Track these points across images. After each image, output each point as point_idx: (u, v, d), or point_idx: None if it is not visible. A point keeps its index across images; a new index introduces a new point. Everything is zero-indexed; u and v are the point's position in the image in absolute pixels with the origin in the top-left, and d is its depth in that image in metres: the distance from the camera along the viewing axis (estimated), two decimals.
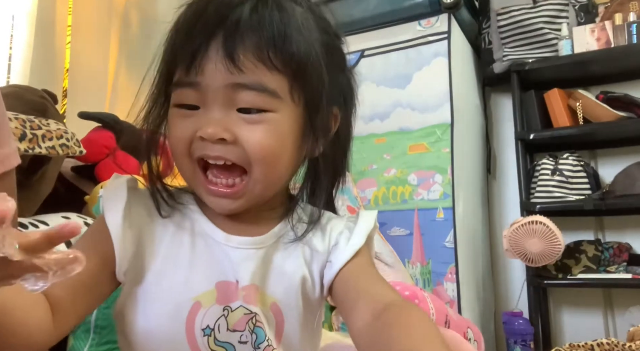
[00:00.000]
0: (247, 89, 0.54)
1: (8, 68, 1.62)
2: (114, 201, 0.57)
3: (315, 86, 0.57)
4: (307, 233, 0.61)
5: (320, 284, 0.61)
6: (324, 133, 0.60)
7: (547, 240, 1.82)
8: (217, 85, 0.54)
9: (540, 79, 2.11)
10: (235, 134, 0.54)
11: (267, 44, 0.53)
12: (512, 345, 1.92)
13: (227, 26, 0.53)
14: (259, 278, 0.58)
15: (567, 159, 2.01)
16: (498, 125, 2.36)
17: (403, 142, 2.03)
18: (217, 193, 0.57)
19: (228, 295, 0.56)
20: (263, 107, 0.55)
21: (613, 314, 2.05)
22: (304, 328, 0.60)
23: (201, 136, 0.54)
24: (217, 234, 0.59)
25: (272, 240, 0.60)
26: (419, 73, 2.05)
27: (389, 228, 1.99)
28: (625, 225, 2.06)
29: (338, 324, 1.52)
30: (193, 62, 0.54)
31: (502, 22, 2.11)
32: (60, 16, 1.76)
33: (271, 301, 0.58)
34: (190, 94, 0.55)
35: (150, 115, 0.60)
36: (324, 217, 0.64)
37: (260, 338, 0.57)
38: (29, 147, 0.92)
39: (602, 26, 2.00)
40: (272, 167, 0.57)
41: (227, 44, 0.53)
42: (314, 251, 0.61)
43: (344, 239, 0.61)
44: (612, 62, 2.01)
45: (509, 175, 2.25)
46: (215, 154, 0.55)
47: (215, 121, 0.54)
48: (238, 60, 0.53)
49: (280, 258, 0.60)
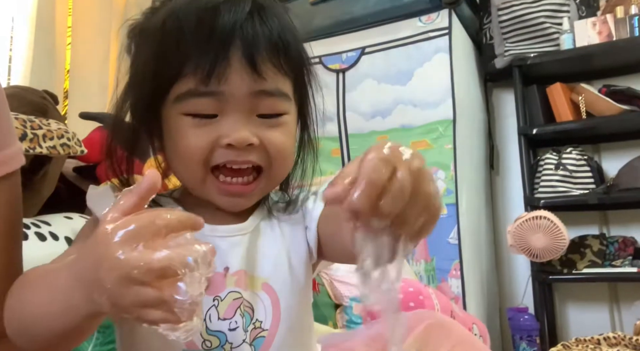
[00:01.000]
0: (268, 95, 0.57)
1: (8, 70, 1.62)
2: (103, 204, 0.57)
3: (306, 84, 0.63)
4: (290, 206, 0.64)
5: (306, 252, 0.63)
6: (310, 123, 0.65)
7: (551, 235, 1.81)
8: (241, 93, 0.55)
9: (542, 73, 2.10)
10: (260, 138, 0.56)
11: (278, 50, 0.56)
12: (517, 340, 1.91)
13: (244, 36, 0.54)
14: (248, 262, 0.60)
15: (570, 153, 2.00)
16: (500, 120, 2.35)
17: (405, 139, 2.02)
18: (234, 192, 0.58)
19: (216, 285, 0.58)
20: (281, 111, 0.58)
21: (619, 308, 2.04)
22: (299, 304, 0.62)
23: (228, 143, 0.55)
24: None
25: (253, 225, 0.63)
26: (421, 69, 2.04)
27: None
28: (629, 219, 2.05)
29: (343, 322, 1.52)
30: (213, 72, 0.54)
31: (503, 17, 2.10)
32: (60, 17, 1.76)
33: (262, 282, 0.60)
34: (208, 103, 0.56)
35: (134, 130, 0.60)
36: (290, 193, 0.67)
37: (247, 321, 0.58)
38: (29, 147, 0.92)
39: (603, 19, 1.99)
40: (287, 164, 0.61)
41: (248, 53, 0.54)
42: (292, 226, 0.64)
43: (311, 204, 0.65)
44: (614, 56, 2.01)
45: (512, 170, 2.24)
46: (242, 159, 0.57)
47: (242, 127, 0.55)
48: (260, 68, 0.55)
49: (263, 240, 0.62)
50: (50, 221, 0.99)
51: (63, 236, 0.97)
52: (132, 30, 0.62)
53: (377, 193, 0.36)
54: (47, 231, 0.94)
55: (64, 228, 0.99)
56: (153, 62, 0.57)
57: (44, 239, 0.92)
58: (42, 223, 0.96)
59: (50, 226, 0.96)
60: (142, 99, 0.59)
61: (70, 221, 1.05)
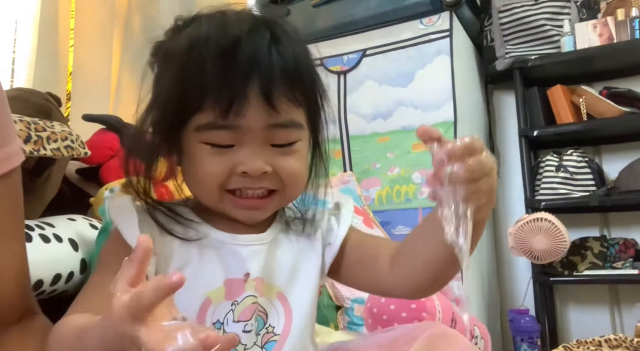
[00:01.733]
0: (283, 127, 0.60)
1: (12, 72, 1.63)
2: (126, 218, 0.61)
3: (319, 110, 0.66)
4: (307, 225, 0.69)
5: (320, 266, 0.68)
6: (321, 143, 0.69)
7: (552, 237, 1.81)
8: (257, 126, 0.59)
9: (543, 75, 2.10)
10: (274, 166, 0.60)
11: (292, 84, 0.60)
12: (518, 342, 1.91)
13: (261, 72, 0.57)
14: (265, 271, 0.64)
15: (571, 155, 2.00)
16: (501, 122, 2.35)
17: (406, 140, 2.03)
18: (249, 206, 0.62)
19: (235, 290, 0.61)
20: (294, 140, 0.62)
21: (620, 310, 2.04)
22: (309, 314, 0.66)
23: (244, 172, 0.59)
24: (223, 236, 0.64)
25: (270, 236, 0.67)
26: (422, 71, 2.04)
27: (393, 227, 1.98)
28: (630, 221, 2.05)
29: (344, 324, 1.52)
30: (231, 108, 0.57)
31: (504, 20, 2.11)
32: (62, 20, 1.76)
33: (277, 291, 0.64)
34: (226, 135, 0.59)
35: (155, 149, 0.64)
36: (310, 211, 0.72)
37: (260, 325, 0.62)
38: (34, 149, 0.92)
39: (604, 22, 1.99)
40: (299, 186, 0.65)
41: (265, 89, 0.57)
42: (310, 240, 0.69)
43: (335, 223, 0.71)
44: (615, 58, 2.01)
45: (513, 172, 2.24)
46: (256, 185, 0.61)
47: (256, 157, 0.59)
48: (275, 103, 0.58)
49: (281, 251, 0.67)
50: (53, 222, 0.99)
51: (67, 238, 0.97)
52: (156, 49, 0.66)
53: (471, 155, 0.48)
54: (50, 232, 0.95)
55: (68, 230, 0.99)
56: (176, 91, 0.60)
57: (47, 241, 0.92)
58: (45, 224, 0.96)
59: (54, 228, 0.97)
60: (164, 121, 0.62)
61: (73, 222, 1.05)
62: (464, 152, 0.47)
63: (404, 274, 0.63)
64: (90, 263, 0.99)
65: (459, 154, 0.47)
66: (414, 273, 0.63)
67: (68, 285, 0.95)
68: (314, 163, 0.69)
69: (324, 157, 0.70)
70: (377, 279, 0.66)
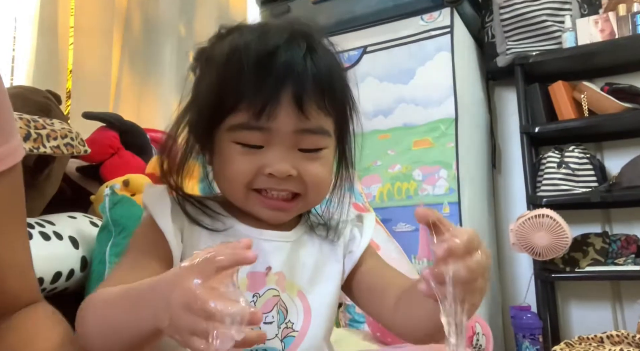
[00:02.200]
0: (311, 133, 0.63)
1: (12, 70, 1.62)
2: (160, 207, 0.65)
3: (348, 121, 0.69)
4: (330, 232, 0.72)
5: (341, 272, 0.71)
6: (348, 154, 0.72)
7: (554, 233, 1.81)
8: (287, 130, 0.62)
9: (544, 71, 2.10)
10: (299, 170, 0.63)
11: (323, 92, 0.63)
12: (520, 339, 1.91)
13: (295, 79, 0.60)
14: (288, 267, 0.67)
15: (572, 151, 2.00)
16: (502, 119, 2.35)
17: (407, 137, 2.03)
18: (275, 207, 0.65)
19: (257, 283, 0.65)
20: (321, 146, 0.65)
21: (622, 306, 2.04)
22: (328, 314, 0.69)
23: (270, 173, 0.62)
24: (249, 230, 0.67)
25: (295, 236, 0.70)
26: (422, 68, 2.04)
27: (394, 224, 1.98)
28: (632, 217, 2.05)
29: (345, 321, 1.52)
30: (264, 110, 0.60)
31: (505, 16, 2.10)
32: (62, 18, 1.76)
33: (298, 290, 0.67)
34: (257, 136, 0.62)
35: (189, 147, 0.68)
36: (333, 219, 0.75)
37: (281, 319, 0.66)
38: (33, 146, 0.92)
39: (605, 17, 1.98)
40: (322, 192, 0.68)
41: (297, 95, 0.60)
42: (332, 246, 0.72)
43: (357, 233, 0.74)
44: (617, 54, 2.00)
45: (515, 169, 2.24)
46: (281, 187, 0.64)
47: (283, 160, 0.62)
48: (306, 109, 0.61)
49: (305, 251, 0.70)
50: (54, 220, 0.99)
51: (67, 236, 0.97)
52: (199, 54, 0.70)
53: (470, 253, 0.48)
54: (51, 230, 0.94)
55: (68, 228, 0.99)
56: (214, 92, 0.63)
57: (48, 239, 0.92)
58: (46, 222, 0.96)
59: (54, 226, 0.97)
60: (200, 121, 0.66)
61: (74, 220, 1.05)
62: (464, 251, 0.48)
63: (405, 319, 0.66)
64: (91, 261, 0.99)
65: (460, 253, 0.48)
66: (413, 323, 0.65)
67: (69, 283, 0.95)
68: (339, 172, 0.72)
69: (350, 167, 0.73)
70: (380, 312, 0.70)
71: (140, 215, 1.01)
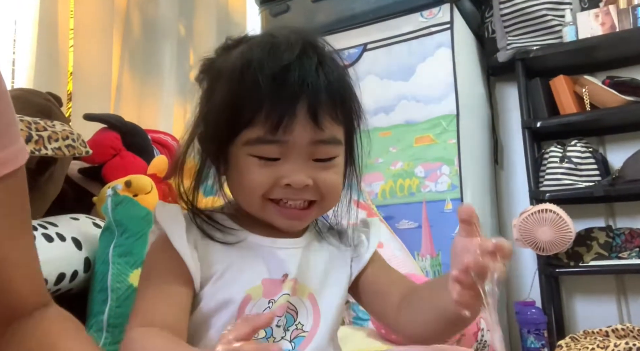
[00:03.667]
0: (325, 143, 0.65)
1: (12, 72, 1.62)
2: (175, 227, 0.67)
3: (355, 127, 0.72)
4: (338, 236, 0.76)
5: (348, 276, 0.74)
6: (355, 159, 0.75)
7: (557, 228, 1.81)
8: (303, 142, 0.64)
9: (545, 66, 2.09)
10: (314, 179, 0.65)
11: (336, 103, 0.65)
12: (525, 334, 1.91)
13: (309, 93, 0.62)
14: (300, 272, 0.69)
15: (575, 146, 1.99)
16: (504, 114, 2.34)
17: (409, 134, 2.02)
18: (292, 216, 0.67)
19: (272, 290, 0.67)
20: (334, 155, 0.67)
21: (627, 300, 2.03)
22: (335, 319, 0.71)
23: (287, 184, 0.64)
24: (262, 240, 0.70)
25: (305, 242, 0.73)
26: (423, 65, 2.04)
27: (397, 221, 1.98)
28: (636, 210, 2.04)
29: (349, 318, 1.52)
30: (280, 124, 0.62)
31: (505, 11, 2.09)
32: (62, 20, 1.76)
33: (308, 292, 0.70)
34: (274, 149, 0.64)
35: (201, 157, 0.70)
36: (340, 224, 0.78)
37: (289, 322, 0.68)
38: (35, 148, 0.92)
39: (606, 11, 1.98)
40: (336, 197, 0.71)
41: (312, 108, 0.63)
42: (339, 250, 0.75)
43: (364, 238, 0.77)
44: (618, 47, 1.99)
45: (517, 164, 2.24)
46: (297, 197, 0.66)
47: (300, 171, 0.64)
48: (320, 121, 0.63)
49: (314, 256, 0.72)
50: (56, 222, 0.99)
51: (70, 237, 0.97)
52: (207, 66, 0.71)
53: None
54: (54, 232, 0.95)
55: (71, 229, 0.99)
56: (229, 108, 0.65)
57: (51, 241, 0.92)
58: (48, 224, 0.96)
59: (57, 227, 0.97)
60: (215, 135, 0.67)
61: (76, 221, 1.05)
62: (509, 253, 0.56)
63: (409, 320, 0.69)
64: (95, 262, 0.99)
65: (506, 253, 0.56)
66: (417, 324, 0.68)
67: (72, 284, 0.95)
68: (347, 178, 0.74)
69: (357, 173, 0.75)
70: (385, 314, 0.73)
71: (142, 216, 1.02)
